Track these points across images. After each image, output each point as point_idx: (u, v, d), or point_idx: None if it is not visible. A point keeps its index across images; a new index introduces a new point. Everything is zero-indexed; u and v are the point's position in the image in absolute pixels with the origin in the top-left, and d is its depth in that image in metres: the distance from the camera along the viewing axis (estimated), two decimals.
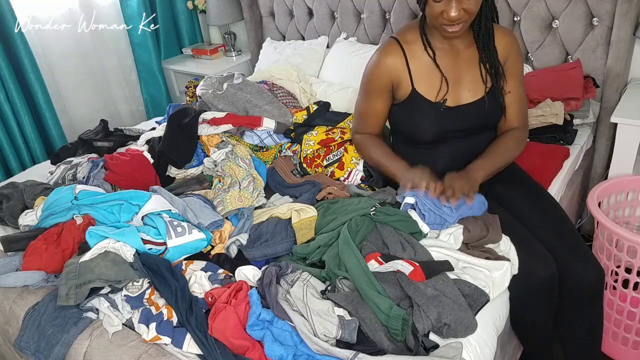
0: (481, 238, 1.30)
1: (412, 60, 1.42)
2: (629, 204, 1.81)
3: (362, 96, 1.53)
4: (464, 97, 1.42)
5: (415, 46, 1.42)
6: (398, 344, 1.08)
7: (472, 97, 1.43)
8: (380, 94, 1.48)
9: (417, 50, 1.42)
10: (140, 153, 1.83)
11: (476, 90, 1.43)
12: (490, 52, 1.40)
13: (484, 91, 1.43)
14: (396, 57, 1.42)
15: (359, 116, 1.58)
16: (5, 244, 1.46)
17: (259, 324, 1.12)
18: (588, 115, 1.93)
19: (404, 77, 1.42)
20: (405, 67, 1.42)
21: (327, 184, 1.62)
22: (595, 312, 1.37)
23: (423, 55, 1.41)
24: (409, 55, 1.42)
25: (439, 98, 1.41)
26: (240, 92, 2.01)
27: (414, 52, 1.42)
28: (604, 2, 1.86)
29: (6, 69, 2.41)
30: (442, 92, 1.41)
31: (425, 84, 1.42)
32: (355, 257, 1.20)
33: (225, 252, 1.42)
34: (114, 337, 1.20)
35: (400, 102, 1.46)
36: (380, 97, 1.48)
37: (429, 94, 1.42)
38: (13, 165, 2.53)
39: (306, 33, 2.78)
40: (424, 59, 1.41)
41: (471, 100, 1.43)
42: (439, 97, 1.41)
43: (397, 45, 1.42)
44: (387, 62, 1.42)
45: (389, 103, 1.50)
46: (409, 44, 1.42)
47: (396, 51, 1.42)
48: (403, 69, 1.42)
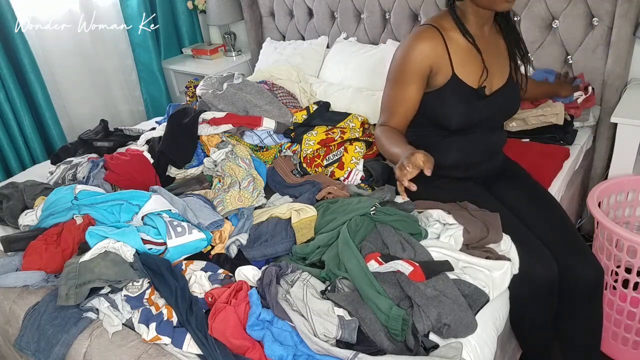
0: (481, 239, 1.30)
1: (451, 46, 1.39)
2: (629, 204, 1.81)
3: (392, 86, 1.44)
4: (494, 83, 1.44)
5: (452, 33, 1.39)
6: (398, 344, 1.08)
7: (500, 83, 1.45)
8: (415, 81, 1.39)
9: (454, 36, 1.39)
10: (140, 153, 1.83)
11: (502, 75, 1.45)
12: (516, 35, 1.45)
13: (507, 76, 1.46)
14: (437, 42, 1.37)
15: (386, 108, 1.47)
16: (5, 244, 1.46)
17: (259, 324, 1.12)
18: (588, 118, 1.93)
19: (445, 63, 1.38)
20: (446, 52, 1.38)
21: (327, 184, 1.62)
22: (595, 312, 1.37)
23: (460, 41, 1.39)
24: (448, 41, 1.38)
25: (479, 84, 1.40)
26: (240, 92, 2.01)
27: (452, 38, 1.39)
28: (604, 2, 1.86)
29: (6, 69, 2.41)
30: (483, 77, 1.41)
31: (466, 70, 1.40)
32: (355, 257, 1.20)
33: (225, 252, 1.42)
34: (114, 337, 1.20)
35: (437, 89, 1.41)
36: (415, 84, 1.40)
37: (470, 79, 1.40)
38: (13, 165, 2.53)
39: (306, 33, 2.78)
40: (461, 45, 1.39)
41: (500, 86, 1.45)
42: (479, 82, 1.40)
43: (436, 31, 1.38)
44: (425, 47, 1.37)
45: (422, 91, 1.43)
46: (446, 30, 1.39)
47: (436, 36, 1.38)
48: (444, 54, 1.38)
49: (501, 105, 1.46)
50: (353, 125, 1.86)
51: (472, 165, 1.49)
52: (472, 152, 1.48)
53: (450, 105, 1.41)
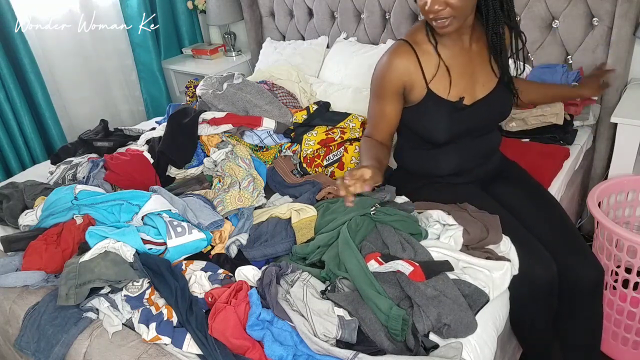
0: (481, 240, 1.30)
1: (424, 60, 1.38)
2: (629, 204, 1.81)
3: (373, 100, 1.47)
4: (478, 92, 1.41)
5: (425, 46, 1.38)
6: (398, 344, 1.08)
7: (486, 91, 1.41)
8: (391, 98, 1.42)
9: (428, 50, 1.38)
10: (140, 153, 1.83)
11: (488, 83, 1.42)
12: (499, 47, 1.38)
13: (494, 84, 1.43)
14: (408, 58, 1.37)
15: (369, 121, 1.51)
16: (5, 244, 1.46)
17: (259, 324, 1.12)
18: (588, 117, 1.93)
19: (418, 79, 1.38)
20: (418, 68, 1.38)
21: (327, 184, 1.62)
22: (595, 312, 1.37)
23: (434, 55, 1.38)
24: (420, 56, 1.38)
25: (454, 96, 1.38)
26: (240, 92, 2.01)
27: (425, 52, 1.38)
28: (604, 2, 1.86)
29: (6, 69, 2.41)
30: (457, 89, 1.38)
31: (441, 83, 1.39)
32: (355, 257, 1.20)
33: (225, 252, 1.42)
34: (114, 337, 1.20)
35: (414, 104, 1.42)
36: (390, 100, 1.42)
37: (445, 92, 1.39)
38: (13, 165, 2.53)
39: (306, 33, 2.78)
40: (435, 58, 1.38)
41: (485, 94, 1.41)
42: (453, 95, 1.38)
43: (408, 46, 1.38)
44: (399, 64, 1.37)
45: (400, 107, 1.45)
46: (419, 44, 1.38)
47: (408, 52, 1.37)
48: (416, 69, 1.38)
49: (488, 113, 1.43)
50: (353, 125, 1.86)
51: (467, 171, 1.49)
52: (466, 159, 1.47)
53: (430, 120, 1.41)
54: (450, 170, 1.47)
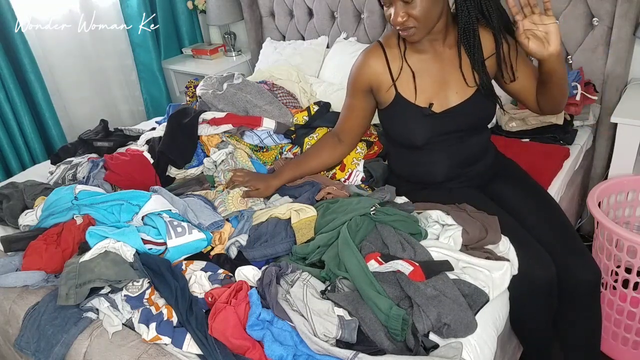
0: (480, 239, 1.30)
1: (393, 64, 1.38)
2: (629, 204, 1.81)
3: (346, 96, 1.52)
4: (451, 99, 1.38)
5: (396, 50, 1.38)
6: (398, 344, 1.08)
7: (460, 99, 1.38)
8: (359, 96, 1.46)
9: (397, 54, 1.38)
10: (140, 153, 1.83)
11: (463, 91, 1.38)
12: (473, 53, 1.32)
13: (471, 91, 1.38)
14: (377, 59, 1.39)
15: (340, 115, 1.57)
16: (5, 244, 1.46)
17: (259, 324, 1.12)
18: (588, 117, 1.93)
19: (385, 81, 1.39)
20: (387, 70, 1.38)
21: (327, 184, 1.62)
22: (593, 312, 1.37)
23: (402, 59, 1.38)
24: (390, 59, 1.38)
25: (423, 102, 1.37)
26: (240, 92, 2.01)
27: (395, 55, 1.38)
28: (604, 2, 1.86)
29: (6, 69, 2.41)
30: (426, 95, 1.37)
31: (410, 88, 1.38)
32: (355, 257, 1.20)
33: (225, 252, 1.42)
34: (114, 337, 1.20)
35: (385, 107, 1.43)
36: (359, 99, 1.46)
37: (412, 97, 1.38)
38: (13, 165, 2.53)
39: (306, 33, 2.78)
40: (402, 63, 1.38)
41: (458, 102, 1.38)
42: (422, 100, 1.37)
43: (380, 48, 1.39)
44: (368, 64, 1.39)
45: (368, 107, 1.47)
46: (391, 47, 1.38)
47: (378, 54, 1.39)
48: (384, 72, 1.38)
49: (464, 119, 1.39)
50: None
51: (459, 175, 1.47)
52: (456, 163, 1.45)
53: (400, 123, 1.42)
54: (441, 176, 1.46)
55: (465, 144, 1.43)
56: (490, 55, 1.35)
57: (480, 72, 1.35)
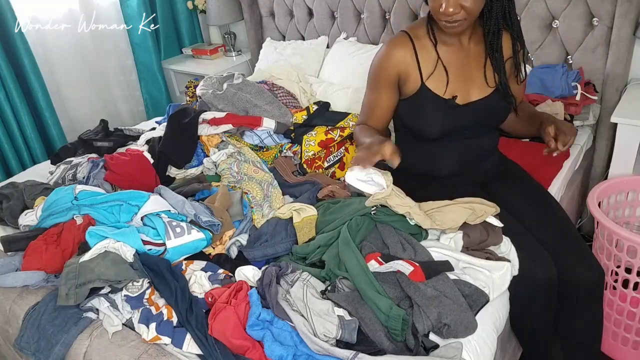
0: (481, 242, 1.30)
1: (421, 55, 1.38)
2: (629, 204, 1.81)
3: (369, 89, 1.48)
4: (473, 94, 1.40)
5: (425, 41, 1.38)
6: (398, 344, 1.08)
7: (481, 94, 1.40)
8: (386, 87, 1.42)
9: (427, 46, 1.38)
10: (140, 153, 1.83)
11: (483, 89, 1.40)
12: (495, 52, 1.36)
13: (490, 91, 1.40)
14: (405, 49, 1.38)
15: (364, 109, 1.51)
16: (5, 244, 1.46)
17: (259, 324, 1.12)
18: (588, 117, 1.93)
19: (413, 71, 1.39)
20: (415, 60, 1.38)
21: (327, 184, 1.62)
22: (595, 313, 1.37)
23: (433, 51, 1.38)
24: (418, 50, 1.38)
25: (449, 94, 1.38)
26: (240, 92, 2.01)
27: (424, 46, 1.38)
28: (604, 2, 1.86)
29: (6, 69, 2.41)
30: (451, 88, 1.38)
31: (435, 79, 1.38)
32: (355, 257, 1.20)
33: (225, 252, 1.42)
34: (114, 337, 1.20)
35: (408, 97, 1.42)
36: (387, 90, 1.43)
37: (439, 89, 1.38)
38: (13, 165, 2.53)
39: (306, 33, 2.78)
40: (434, 55, 1.38)
41: (479, 97, 1.40)
42: (448, 93, 1.38)
43: (408, 39, 1.38)
44: (395, 54, 1.38)
45: (395, 98, 1.45)
46: (419, 38, 1.38)
47: (406, 44, 1.38)
48: (412, 62, 1.38)
49: (482, 115, 1.41)
50: (353, 124, 1.86)
51: (465, 171, 1.48)
52: (463, 160, 1.46)
53: (422, 114, 1.41)
54: (447, 170, 1.46)
55: (476, 141, 1.45)
56: (508, 58, 1.40)
57: (500, 73, 1.38)
